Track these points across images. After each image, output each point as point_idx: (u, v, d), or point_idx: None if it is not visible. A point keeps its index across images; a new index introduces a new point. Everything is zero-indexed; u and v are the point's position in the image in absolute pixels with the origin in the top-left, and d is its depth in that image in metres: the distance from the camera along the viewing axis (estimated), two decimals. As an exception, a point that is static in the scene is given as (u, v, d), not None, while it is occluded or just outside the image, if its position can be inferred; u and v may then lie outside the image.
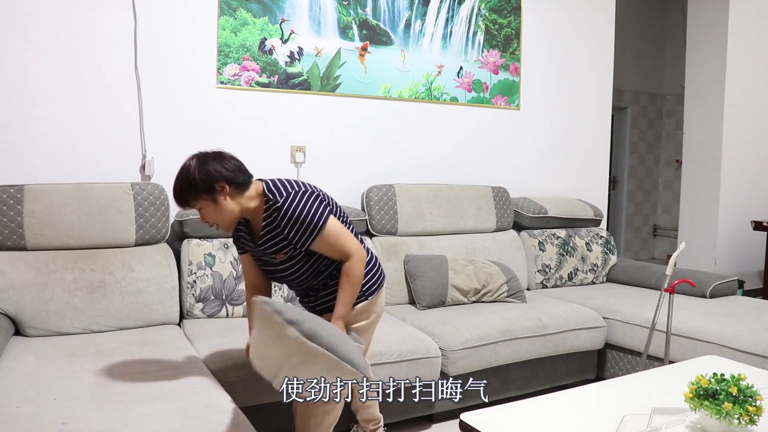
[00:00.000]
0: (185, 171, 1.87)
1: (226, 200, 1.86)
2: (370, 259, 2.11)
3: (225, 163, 1.89)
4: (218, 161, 1.89)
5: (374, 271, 2.13)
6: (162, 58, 2.99)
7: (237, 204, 1.89)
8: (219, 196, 1.85)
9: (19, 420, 1.62)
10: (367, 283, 2.08)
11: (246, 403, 2.18)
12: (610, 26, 4.41)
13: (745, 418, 1.49)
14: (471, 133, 3.88)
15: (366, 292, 2.08)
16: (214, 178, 1.84)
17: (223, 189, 1.85)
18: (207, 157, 1.90)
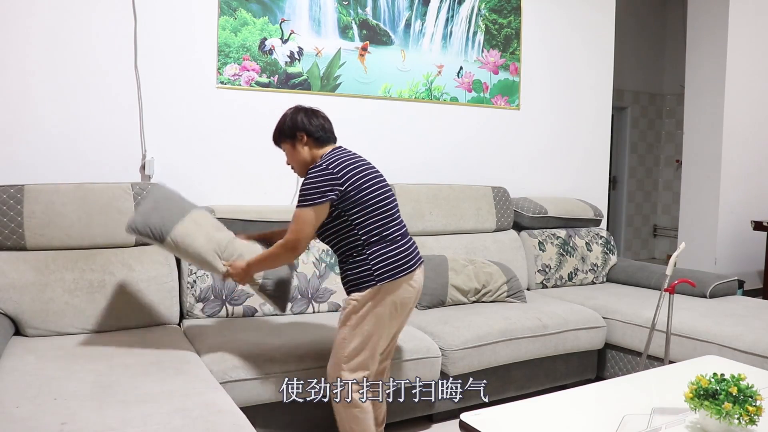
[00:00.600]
0: (282, 116, 2.26)
1: (303, 148, 2.18)
2: (398, 247, 2.09)
3: (312, 119, 2.19)
4: (308, 115, 2.21)
5: (363, 268, 2.07)
6: (162, 57, 2.99)
7: (310, 154, 2.19)
8: (296, 141, 2.18)
9: (19, 420, 1.62)
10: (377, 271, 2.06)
11: (246, 403, 2.19)
12: (610, 26, 4.41)
13: (745, 418, 1.49)
14: (471, 133, 3.88)
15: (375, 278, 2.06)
16: (297, 127, 2.18)
17: (302, 138, 2.17)
18: (301, 109, 2.23)
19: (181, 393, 1.83)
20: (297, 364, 2.32)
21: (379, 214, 2.10)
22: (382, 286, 2.06)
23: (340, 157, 2.12)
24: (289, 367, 2.30)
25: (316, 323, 2.72)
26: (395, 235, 2.13)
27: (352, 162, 2.13)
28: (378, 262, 2.07)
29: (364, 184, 2.10)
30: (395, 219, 2.16)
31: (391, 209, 2.15)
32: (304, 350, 2.36)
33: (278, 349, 2.35)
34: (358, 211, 2.07)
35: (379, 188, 2.14)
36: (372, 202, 2.10)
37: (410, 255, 2.13)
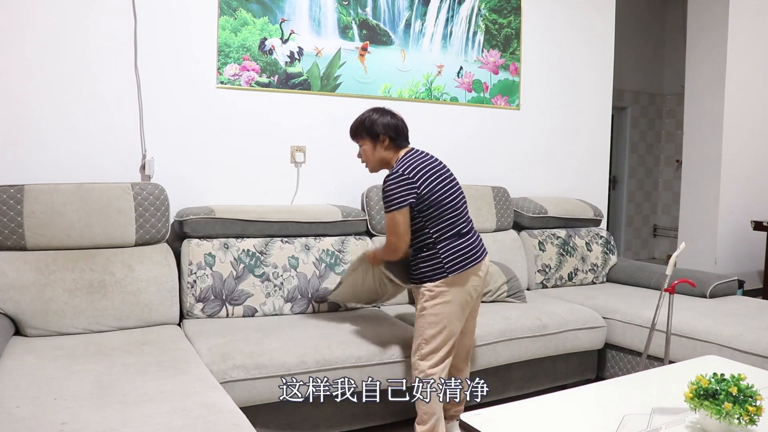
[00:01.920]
0: (363, 114, 2.41)
1: (383, 150, 2.35)
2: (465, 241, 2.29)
3: (391, 121, 2.35)
4: (389, 117, 2.37)
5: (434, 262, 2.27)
6: (162, 58, 2.99)
7: (386, 155, 2.36)
8: (377, 142, 2.35)
9: (19, 420, 1.62)
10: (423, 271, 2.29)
11: (246, 403, 2.19)
12: (610, 26, 4.41)
13: (745, 418, 1.49)
14: (471, 132, 3.88)
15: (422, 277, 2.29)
16: (381, 130, 2.34)
17: (384, 141, 2.34)
18: (387, 112, 2.39)
19: (181, 393, 1.83)
20: (297, 364, 2.32)
21: (449, 212, 2.29)
22: (453, 277, 2.25)
23: (414, 161, 2.30)
24: (289, 367, 2.30)
25: (316, 323, 2.72)
26: (463, 230, 2.32)
27: (426, 165, 2.31)
28: (448, 255, 2.26)
29: (437, 186, 2.29)
30: (463, 215, 2.35)
31: (459, 206, 2.34)
32: (304, 350, 2.37)
33: (278, 349, 2.35)
34: (432, 211, 2.27)
35: (449, 188, 2.33)
36: (444, 202, 2.29)
37: (476, 247, 2.33)
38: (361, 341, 2.48)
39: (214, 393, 1.87)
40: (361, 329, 2.63)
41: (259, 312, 2.84)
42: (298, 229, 3.06)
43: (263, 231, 2.98)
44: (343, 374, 2.39)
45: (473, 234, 2.36)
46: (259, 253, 2.91)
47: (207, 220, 2.86)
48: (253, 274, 2.86)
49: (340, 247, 3.12)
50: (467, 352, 2.53)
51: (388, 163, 2.38)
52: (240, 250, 2.89)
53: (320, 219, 3.10)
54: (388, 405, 2.57)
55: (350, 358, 2.41)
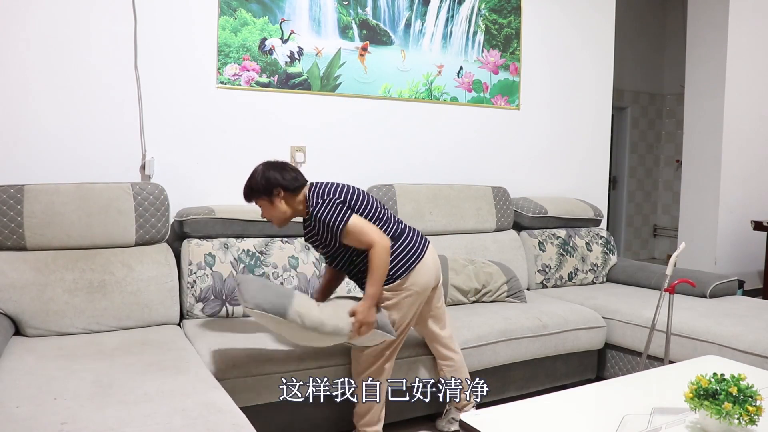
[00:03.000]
0: (252, 174, 2.31)
1: (280, 202, 2.28)
2: (401, 244, 2.33)
3: (284, 173, 2.27)
4: (279, 170, 2.28)
5: (400, 256, 2.31)
6: (162, 58, 2.99)
7: (290, 206, 2.30)
8: (275, 198, 2.27)
9: (19, 420, 1.62)
10: (392, 269, 2.28)
11: (246, 403, 2.19)
12: (610, 26, 4.41)
13: (745, 418, 1.49)
14: (471, 133, 3.88)
15: (392, 276, 2.29)
16: (272, 184, 2.26)
17: (279, 193, 2.26)
18: (271, 166, 2.30)
19: (181, 393, 1.83)
20: (297, 364, 2.32)
21: (377, 221, 2.31)
22: (401, 279, 2.30)
23: (326, 187, 2.30)
24: (288, 367, 2.30)
25: (316, 323, 2.72)
26: (393, 235, 2.34)
27: (336, 187, 2.32)
28: (394, 259, 2.29)
29: (355, 202, 2.30)
30: (387, 221, 2.36)
31: (380, 215, 2.35)
32: (303, 350, 2.37)
33: (278, 349, 2.35)
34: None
35: (364, 201, 2.33)
36: (368, 213, 2.31)
37: (413, 245, 2.35)
38: (361, 341, 2.48)
39: (214, 393, 1.87)
40: (361, 329, 2.63)
41: (259, 312, 2.83)
42: (298, 228, 3.05)
43: (263, 231, 2.98)
44: (343, 374, 2.39)
45: (406, 234, 2.38)
46: (259, 253, 2.91)
47: (207, 220, 2.86)
48: (253, 274, 2.86)
49: (340, 247, 3.12)
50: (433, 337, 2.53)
51: (291, 214, 2.32)
52: (240, 250, 2.89)
53: (320, 219, 3.10)
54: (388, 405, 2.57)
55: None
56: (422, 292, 2.36)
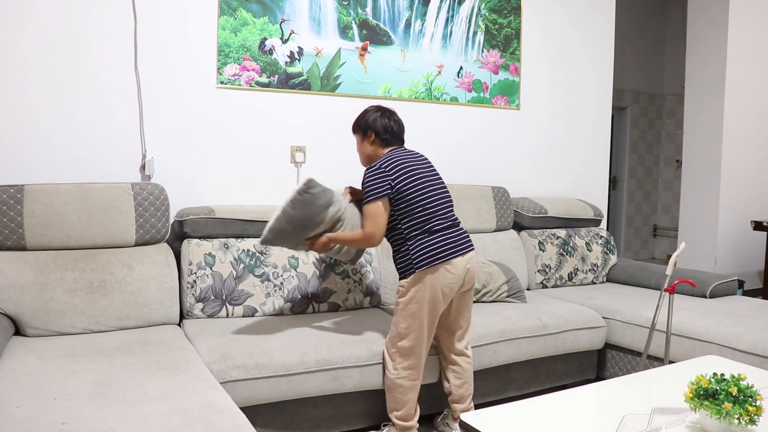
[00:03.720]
0: (363, 111, 2.57)
1: (369, 145, 2.51)
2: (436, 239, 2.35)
3: (384, 120, 2.49)
4: (382, 116, 2.50)
5: (430, 249, 2.32)
6: (162, 58, 2.99)
7: (372, 150, 2.50)
8: (366, 138, 2.51)
9: (19, 420, 1.62)
10: (417, 260, 2.32)
11: (246, 403, 2.19)
12: (610, 26, 4.41)
13: (745, 418, 1.49)
14: (471, 132, 3.88)
15: (415, 266, 2.32)
16: (368, 126, 2.50)
17: (370, 136, 2.49)
18: (379, 109, 2.53)
19: (181, 393, 1.83)
20: (297, 363, 2.32)
21: (421, 209, 2.36)
22: (420, 273, 2.31)
23: (393, 158, 2.41)
24: (289, 366, 2.30)
25: (316, 323, 2.72)
26: (435, 227, 2.37)
27: (404, 162, 2.40)
28: (417, 251, 2.33)
29: (411, 182, 2.37)
30: (438, 212, 2.39)
31: (435, 204, 2.39)
32: (304, 350, 2.37)
33: (278, 348, 2.35)
34: (403, 207, 2.36)
35: (425, 185, 2.40)
36: (416, 199, 2.36)
37: (449, 244, 2.36)
38: (360, 341, 2.48)
39: (214, 393, 1.87)
40: (360, 329, 2.63)
41: (259, 312, 2.84)
42: (298, 229, 3.05)
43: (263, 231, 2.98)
44: (343, 374, 2.39)
45: (449, 232, 2.39)
46: (259, 253, 2.91)
47: (207, 220, 2.86)
48: (253, 274, 2.86)
49: (340, 247, 3.12)
50: (453, 347, 2.53)
51: (372, 159, 2.50)
52: (240, 250, 2.89)
53: (320, 219, 3.10)
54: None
55: (350, 357, 2.41)
56: (446, 292, 2.36)
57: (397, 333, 2.39)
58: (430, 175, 2.46)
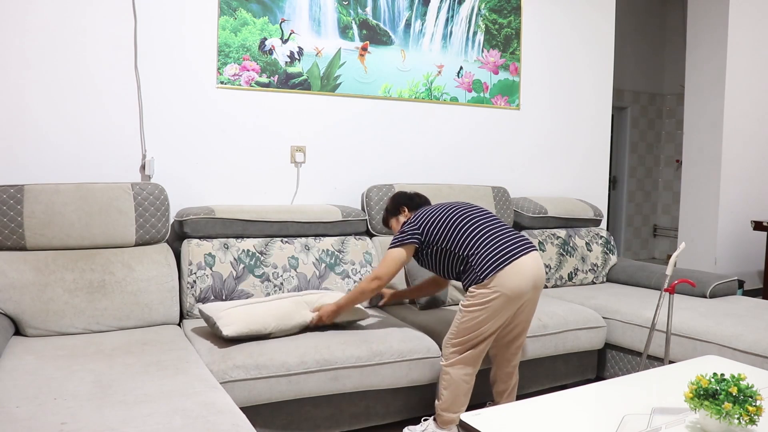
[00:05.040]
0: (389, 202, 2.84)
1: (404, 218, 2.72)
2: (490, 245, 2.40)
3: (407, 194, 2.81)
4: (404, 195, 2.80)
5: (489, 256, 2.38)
6: (162, 58, 2.99)
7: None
8: (401, 215, 2.75)
9: (19, 420, 1.62)
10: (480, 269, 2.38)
11: (246, 403, 2.19)
12: (610, 26, 4.41)
13: (745, 418, 1.49)
14: (471, 133, 3.88)
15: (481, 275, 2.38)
16: (397, 203, 2.77)
17: (403, 210, 2.75)
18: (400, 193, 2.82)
19: (181, 393, 1.83)
20: (297, 364, 2.32)
21: (465, 232, 2.44)
22: (489, 278, 2.35)
23: (422, 211, 2.57)
24: (289, 366, 2.30)
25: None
26: (487, 239, 2.42)
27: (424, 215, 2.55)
28: (480, 262, 2.38)
29: (439, 215, 2.51)
30: (481, 228, 2.45)
31: (475, 224, 2.47)
32: (304, 350, 2.36)
33: (278, 349, 2.35)
34: (444, 237, 2.46)
35: (458, 216, 2.50)
36: (457, 228, 2.46)
37: (506, 248, 2.40)
38: (360, 341, 2.48)
39: (214, 393, 1.87)
40: (360, 329, 2.63)
41: (259, 312, 2.83)
42: (298, 229, 3.06)
43: (263, 231, 2.98)
44: (343, 374, 2.39)
45: (500, 239, 2.43)
46: (259, 254, 2.91)
47: (207, 220, 2.86)
48: (253, 274, 2.86)
49: (340, 247, 3.12)
50: (516, 336, 2.59)
51: None
52: (240, 250, 2.89)
53: (320, 219, 3.10)
54: (388, 405, 2.58)
55: (350, 357, 2.41)
56: (513, 297, 2.36)
57: (456, 330, 2.44)
58: (458, 208, 2.55)
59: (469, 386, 2.48)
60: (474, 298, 2.38)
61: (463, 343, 2.43)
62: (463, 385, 2.46)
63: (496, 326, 2.41)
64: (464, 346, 2.43)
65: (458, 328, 2.43)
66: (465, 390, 2.47)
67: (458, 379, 2.45)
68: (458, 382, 2.45)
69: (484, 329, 2.39)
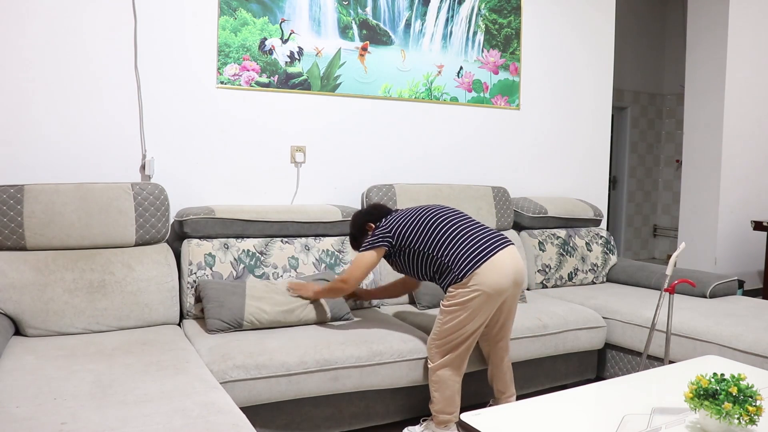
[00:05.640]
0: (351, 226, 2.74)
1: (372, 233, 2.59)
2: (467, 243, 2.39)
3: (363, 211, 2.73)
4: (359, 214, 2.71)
5: (466, 254, 2.36)
6: (162, 58, 2.99)
7: None
8: (368, 232, 2.62)
9: (19, 420, 1.62)
10: (459, 267, 2.36)
11: (246, 403, 2.19)
12: (610, 26, 4.41)
13: (745, 418, 1.49)
14: (471, 133, 3.88)
15: (460, 274, 2.36)
16: (360, 224, 2.67)
17: (369, 228, 2.62)
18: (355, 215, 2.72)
19: (181, 393, 1.83)
20: (297, 364, 2.32)
21: (439, 233, 2.43)
22: (468, 278, 2.33)
23: (392, 216, 2.57)
24: (289, 366, 2.30)
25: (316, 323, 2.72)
26: (461, 238, 2.41)
27: (393, 219, 2.54)
28: (456, 262, 2.36)
29: (410, 218, 2.50)
30: (455, 228, 2.44)
31: (448, 224, 2.46)
32: (304, 350, 2.37)
33: (278, 349, 2.35)
34: (419, 239, 2.45)
35: (430, 217, 2.48)
36: (430, 229, 2.44)
37: (482, 246, 2.38)
38: (360, 341, 2.48)
39: (214, 393, 1.87)
40: (360, 329, 2.63)
41: (259, 312, 2.83)
42: (298, 229, 3.06)
43: (263, 231, 2.98)
44: (343, 374, 2.39)
45: (475, 238, 2.41)
46: (259, 254, 2.91)
47: (207, 220, 2.86)
48: (253, 274, 2.86)
49: (340, 247, 3.12)
50: (501, 336, 2.59)
51: None
52: (240, 250, 2.89)
53: (320, 219, 3.10)
54: (388, 405, 2.58)
55: (350, 357, 2.41)
56: (493, 294, 2.33)
57: (437, 331, 2.44)
58: (432, 210, 2.53)
59: (458, 386, 2.47)
60: (454, 298, 2.36)
61: (445, 344, 2.42)
62: (453, 385, 2.45)
63: (478, 325, 2.39)
64: (447, 347, 2.42)
65: (440, 329, 2.41)
66: (455, 390, 2.46)
67: (446, 380, 2.44)
68: (447, 383, 2.44)
69: (466, 329, 2.37)
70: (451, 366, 2.44)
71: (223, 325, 2.53)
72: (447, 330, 2.39)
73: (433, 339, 2.46)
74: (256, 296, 2.62)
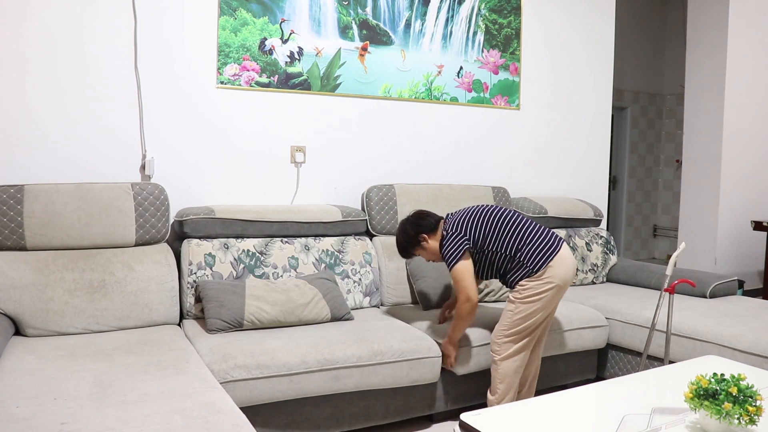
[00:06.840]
0: (398, 234, 2.67)
1: (430, 243, 2.60)
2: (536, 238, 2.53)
3: (420, 221, 2.63)
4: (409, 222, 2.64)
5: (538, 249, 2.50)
6: (162, 58, 2.99)
7: (436, 240, 2.60)
8: (424, 242, 2.61)
9: (19, 420, 1.62)
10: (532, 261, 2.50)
11: (246, 403, 2.19)
12: (610, 26, 4.41)
13: (745, 418, 1.49)
14: (471, 133, 3.88)
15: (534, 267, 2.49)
16: (414, 234, 2.62)
17: (423, 238, 2.61)
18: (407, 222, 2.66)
19: (181, 393, 1.83)
20: (298, 363, 2.32)
21: (508, 232, 2.54)
22: (542, 270, 2.48)
23: (454, 219, 2.59)
24: (290, 366, 2.30)
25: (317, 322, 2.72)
26: (530, 236, 2.54)
27: (461, 219, 2.58)
28: (529, 257, 2.50)
29: (481, 224, 2.55)
30: (522, 226, 2.56)
31: (514, 223, 2.56)
32: (305, 349, 2.37)
33: (279, 348, 2.35)
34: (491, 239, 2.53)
35: (496, 218, 2.56)
36: (499, 229, 2.54)
37: (549, 242, 2.54)
38: (361, 341, 2.48)
39: (214, 393, 1.87)
40: (361, 329, 2.63)
41: (259, 312, 2.83)
42: (298, 229, 3.06)
43: (263, 231, 2.99)
44: (343, 374, 2.39)
45: (539, 236, 2.55)
46: (259, 254, 2.91)
47: (207, 220, 2.86)
48: (253, 274, 2.86)
49: (339, 247, 3.12)
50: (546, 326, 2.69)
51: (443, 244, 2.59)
52: (240, 250, 2.89)
53: (320, 219, 3.10)
54: (388, 405, 2.58)
55: (351, 357, 2.41)
56: (563, 286, 2.51)
57: (508, 322, 2.53)
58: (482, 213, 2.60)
59: (519, 376, 2.59)
60: (527, 291, 2.49)
61: (517, 333, 2.52)
62: (516, 377, 2.57)
63: (546, 315, 2.55)
64: (517, 336, 2.53)
65: (512, 320, 2.52)
66: (516, 380, 2.59)
67: (512, 371, 2.55)
68: (512, 374, 2.55)
69: (536, 319, 2.51)
70: (517, 356, 2.54)
71: (223, 325, 2.53)
72: (519, 320, 2.50)
73: (502, 330, 2.55)
74: (256, 296, 2.61)
